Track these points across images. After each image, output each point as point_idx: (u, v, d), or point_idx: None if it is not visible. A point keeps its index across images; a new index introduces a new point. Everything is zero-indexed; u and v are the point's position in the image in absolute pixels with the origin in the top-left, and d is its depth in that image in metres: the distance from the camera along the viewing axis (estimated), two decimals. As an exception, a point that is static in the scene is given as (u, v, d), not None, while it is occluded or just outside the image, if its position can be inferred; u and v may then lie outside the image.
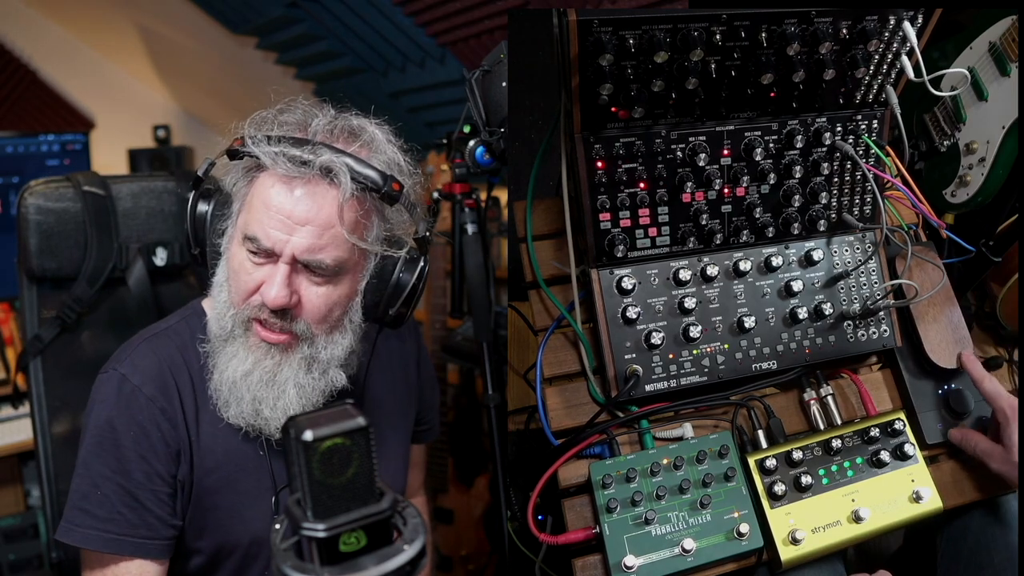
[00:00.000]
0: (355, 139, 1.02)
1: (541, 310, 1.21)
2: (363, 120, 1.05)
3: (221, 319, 1.04)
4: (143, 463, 1.02)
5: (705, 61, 1.00)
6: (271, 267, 1.00)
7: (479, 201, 1.94)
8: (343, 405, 0.64)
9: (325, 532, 0.59)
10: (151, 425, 1.03)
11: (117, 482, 1.02)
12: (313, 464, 0.59)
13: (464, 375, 2.74)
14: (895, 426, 1.15)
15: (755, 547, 1.07)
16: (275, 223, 0.98)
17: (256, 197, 1.00)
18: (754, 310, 1.15)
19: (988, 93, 1.38)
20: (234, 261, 1.03)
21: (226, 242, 1.05)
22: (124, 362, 1.06)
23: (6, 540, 2.25)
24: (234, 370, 1.02)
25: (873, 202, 1.19)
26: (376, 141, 1.03)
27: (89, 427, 1.04)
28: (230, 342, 1.03)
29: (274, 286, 0.98)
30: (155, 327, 1.12)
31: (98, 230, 1.35)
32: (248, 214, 1.01)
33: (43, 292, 1.37)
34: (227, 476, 1.07)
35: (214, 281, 1.07)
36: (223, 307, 1.04)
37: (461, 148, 1.77)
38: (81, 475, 1.03)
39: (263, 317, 1.01)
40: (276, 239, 0.98)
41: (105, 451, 1.02)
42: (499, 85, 1.45)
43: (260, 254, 1.00)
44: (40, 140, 2.47)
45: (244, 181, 1.03)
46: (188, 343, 1.09)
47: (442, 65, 2.56)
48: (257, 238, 0.98)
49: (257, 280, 1.01)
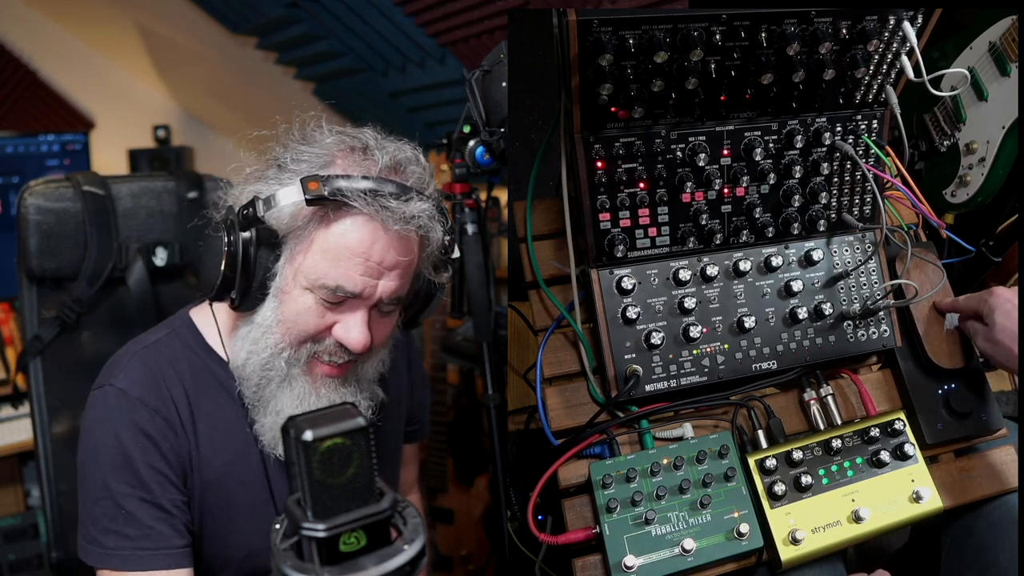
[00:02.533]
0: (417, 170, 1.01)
1: (541, 310, 1.21)
2: (406, 145, 1.03)
3: (267, 361, 1.00)
4: (157, 474, 1.01)
5: (705, 61, 1.00)
6: (347, 311, 0.98)
7: (479, 201, 1.94)
8: (343, 405, 0.64)
9: (325, 532, 0.59)
10: (158, 435, 1.01)
11: (140, 497, 1.00)
12: (313, 464, 0.59)
13: (464, 375, 2.74)
14: (895, 426, 1.15)
15: (755, 547, 1.07)
16: (363, 270, 0.95)
17: (332, 242, 0.95)
18: (754, 310, 1.15)
19: (988, 93, 1.38)
20: (296, 305, 0.98)
21: (280, 284, 0.99)
22: (118, 376, 1.03)
23: (6, 540, 2.26)
24: (305, 408, 1.00)
25: (873, 202, 1.19)
26: (426, 167, 1.02)
27: (96, 447, 1.01)
28: (289, 384, 1.01)
29: (356, 330, 0.98)
30: (143, 339, 1.10)
31: (98, 230, 1.35)
32: (320, 260, 0.96)
33: (43, 292, 1.37)
34: (224, 489, 1.07)
35: (252, 320, 1.01)
36: (270, 349, 1.00)
37: (461, 148, 1.77)
38: (101, 497, 1.01)
39: (335, 359, 1.01)
40: (364, 285, 0.96)
41: (119, 469, 1.00)
42: (499, 85, 1.45)
43: (338, 301, 0.97)
44: (40, 140, 2.48)
45: (311, 223, 0.96)
46: (179, 356, 1.07)
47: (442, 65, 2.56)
48: (342, 287, 0.96)
49: (328, 322, 0.99)
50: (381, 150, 0.98)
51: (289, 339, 0.99)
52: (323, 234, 0.95)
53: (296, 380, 1.01)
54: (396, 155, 0.99)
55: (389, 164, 0.97)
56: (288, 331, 0.99)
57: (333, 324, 0.99)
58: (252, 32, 2.94)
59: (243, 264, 0.95)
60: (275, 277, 0.98)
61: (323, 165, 0.97)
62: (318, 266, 0.96)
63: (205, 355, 1.08)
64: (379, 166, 0.97)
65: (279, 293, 0.99)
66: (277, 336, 0.99)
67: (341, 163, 0.98)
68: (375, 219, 0.94)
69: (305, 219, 0.96)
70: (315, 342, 1.00)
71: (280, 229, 0.97)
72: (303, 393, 1.01)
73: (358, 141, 0.99)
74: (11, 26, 3.43)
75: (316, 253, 0.96)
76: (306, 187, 0.92)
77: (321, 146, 0.98)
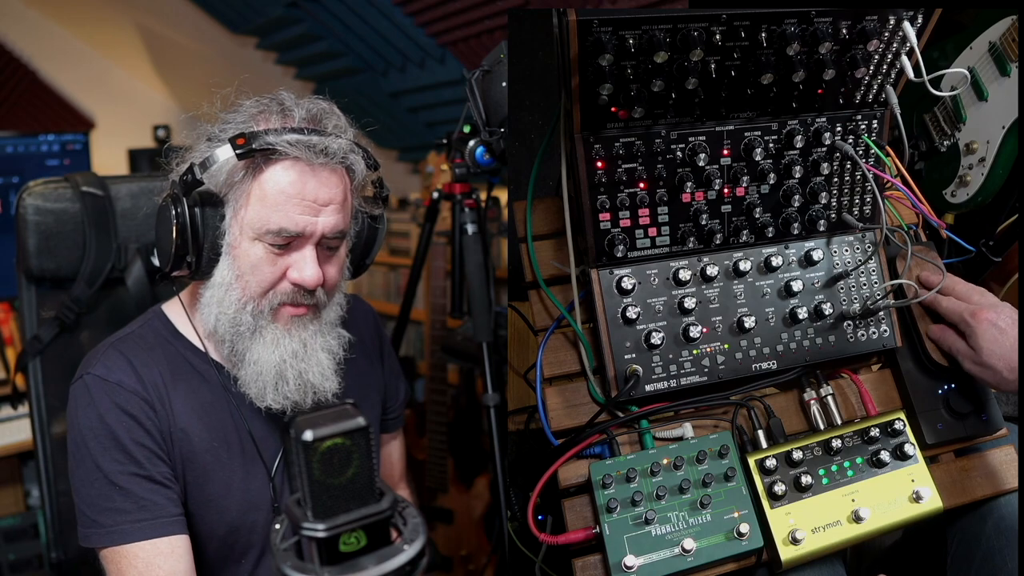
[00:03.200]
0: (333, 118, 1.09)
1: (541, 310, 1.21)
2: (321, 100, 1.10)
3: (235, 317, 1.06)
4: (144, 449, 1.05)
5: (705, 61, 1.00)
6: (295, 252, 1.05)
7: (479, 201, 1.94)
8: (343, 405, 0.64)
9: (325, 532, 0.59)
10: (140, 413, 1.05)
11: (131, 472, 1.04)
12: (313, 464, 0.59)
13: (464, 375, 2.74)
14: (895, 426, 1.15)
15: (755, 547, 1.07)
16: (300, 209, 1.02)
17: (268, 189, 1.02)
18: (754, 310, 1.15)
19: (988, 93, 1.38)
20: (249, 258, 1.04)
21: (229, 240, 1.05)
22: (95, 366, 1.08)
23: (6, 540, 2.25)
24: (280, 354, 1.07)
25: (873, 202, 1.19)
26: (342, 117, 1.10)
27: (82, 432, 1.05)
28: (260, 333, 1.07)
29: (308, 268, 1.04)
30: (117, 334, 1.15)
31: (97, 230, 1.34)
32: (260, 208, 1.02)
33: (42, 292, 1.37)
34: (203, 468, 1.10)
35: (212, 283, 1.07)
36: (234, 304, 1.06)
37: (461, 148, 1.77)
38: (95, 479, 1.04)
39: (297, 300, 1.07)
40: (305, 223, 1.03)
41: (108, 448, 1.04)
42: (499, 85, 1.45)
43: (283, 243, 1.03)
44: (40, 140, 2.47)
45: (246, 177, 1.03)
46: (153, 344, 1.12)
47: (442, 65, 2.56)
48: (285, 228, 1.02)
49: (282, 268, 1.05)
50: (297, 106, 1.06)
51: (250, 292, 1.05)
52: (258, 184, 1.03)
53: (266, 329, 1.07)
54: (311, 108, 1.07)
55: (306, 116, 1.05)
56: (247, 284, 1.05)
57: (286, 269, 1.06)
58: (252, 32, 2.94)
59: (192, 230, 1.03)
60: (224, 235, 1.05)
61: (245, 126, 1.05)
62: (259, 214, 1.02)
63: (177, 342, 1.13)
64: (297, 119, 1.05)
65: (230, 250, 1.05)
66: (238, 291, 1.06)
67: (262, 121, 1.05)
68: (301, 160, 1.01)
69: (239, 174, 1.03)
70: (274, 290, 1.07)
71: (219, 189, 1.04)
72: (275, 338, 1.07)
73: (275, 102, 1.07)
74: (11, 26, 3.43)
75: (255, 203, 1.03)
76: (235, 144, 0.99)
77: (242, 112, 1.06)
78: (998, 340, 1.06)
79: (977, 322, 1.08)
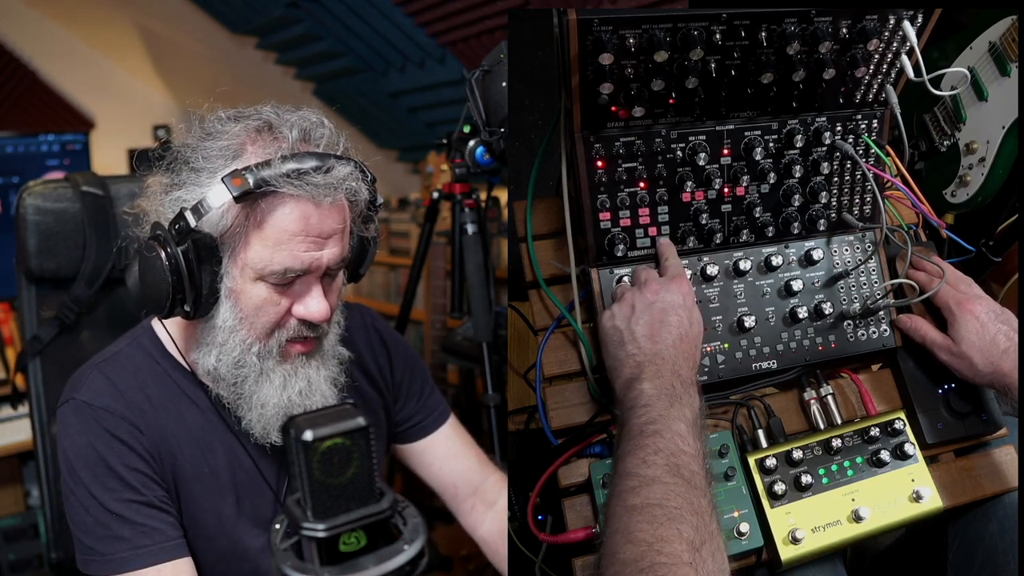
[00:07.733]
0: (325, 132, 1.01)
1: (541, 310, 1.21)
2: (307, 112, 1.02)
3: (239, 359, 1.00)
4: (137, 474, 1.02)
5: (705, 60, 1.00)
6: (298, 285, 0.99)
7: (479, 201, 1.94)
8: (343, 405, 0.64)
9: (325, 532, 0.59)
10: (129, 438, 1.02)
11: (127, 499, 1.01)
12: (313, 464, 0.59)
13: (464, 375, 2.74)
14: (895, 426, 1.15)
15: (755, 546, 1.07)
16: (305, 246, 0.96)
17: (270, 230, 0.95)
18: (754, 310, 1.15)
19: (988, 93, 1.38)
20: (252, 300, 0.98)
21: (229, 284, 0.98)
22: (81, 390, 1.04)
23: (6, 540, 2.25)
24: (288, 395, 1.02)
25: (873, 202, 1.19)
26: (331, 126, 1.02)
27: (73, 460, 1.02)
28: (267, 375, 1.02)
29: (315, 304, 0.99)
30: (104, 353, 1.10)
31: (97, 230, 1.34)
32: (261, 249, 0.96)
33: (42, 292, 1.37)
34: (191, 495, 1.07)
35: (212, 324, 1.00)
36: (239, 347, 1.00)
37: (461, 148, 1.77)
38: (89, 507, 1.01)
39: (303, 334, 1.02)
40: (310, 260, 0.97)
41: (101, 476, 1.01)
42: (499, 85, 1.45)
43: (287, 282, 0.98)
44: (40, 140, 2.47)
45: (245, 218, 0.95)
46: (140, 365, 1.07)
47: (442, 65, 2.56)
48: (290, 268, 0.96)
49: (286, 307, 1.00)
50: (286, 124, 0.97)
51: (256, 333, 1.00)
52: (258, 225, 0.95)
53: (274, 372, 1.02)
54: (302, 124, 0.98)
55: (298, 137, 0.97)
56: (252, 326, 1.00)
57: (291, 306, 1.00)
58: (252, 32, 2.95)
59: (189, 277, 0.95)
60: (223, 279, 0.98)
61: (234, 155, 0.96)
62: (261, 255, 0.96)
63: (165, 362, 1.09)
64: (290, 142, 0.96)
65: (231, 293, 0.99)
66: (243, 333, 1.00)
67: (252, 149, 0.96)
68: (304, 198, 0.94)
69: (237, 215, 0.95)
70: (280, 328, 1.01)
71: (215, 232, 0.96)
72: (284, 378, 1.03)
73: (261, 121, 0.97)
74: (11, 26, 3.43)
75: (256, 244, 0.96)
76: (230, 185, 0.91)
77: (226, 136, 0.96)
78: (979, 332, 1.08)
79: (962, 312, 1.10)
